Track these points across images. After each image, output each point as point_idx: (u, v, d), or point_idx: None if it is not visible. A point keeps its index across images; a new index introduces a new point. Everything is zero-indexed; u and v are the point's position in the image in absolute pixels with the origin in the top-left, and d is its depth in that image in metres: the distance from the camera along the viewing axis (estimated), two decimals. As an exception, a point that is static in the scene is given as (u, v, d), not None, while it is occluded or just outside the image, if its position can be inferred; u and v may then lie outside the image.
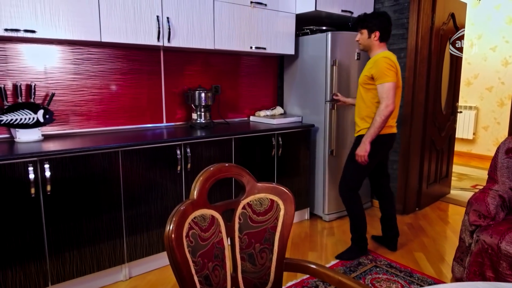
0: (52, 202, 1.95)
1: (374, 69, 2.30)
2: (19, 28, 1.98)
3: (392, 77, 2.28)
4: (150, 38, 2.41)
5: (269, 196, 1.18)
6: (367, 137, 2.34)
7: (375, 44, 2.41)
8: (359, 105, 2.48)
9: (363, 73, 2.43)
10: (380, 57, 2.30)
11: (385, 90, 2.27)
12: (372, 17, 2.38)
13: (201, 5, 2.60)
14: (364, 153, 2.36)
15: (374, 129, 2.31)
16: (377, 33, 2.38)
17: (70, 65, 2.44)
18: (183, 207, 0.98)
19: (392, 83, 2.27)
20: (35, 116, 2.24)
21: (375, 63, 2.31)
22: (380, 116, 2.29)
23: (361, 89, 2.44)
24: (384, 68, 2.27)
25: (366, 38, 2.42)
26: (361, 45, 2.48)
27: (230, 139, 2.60)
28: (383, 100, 2.28)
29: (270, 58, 3.46)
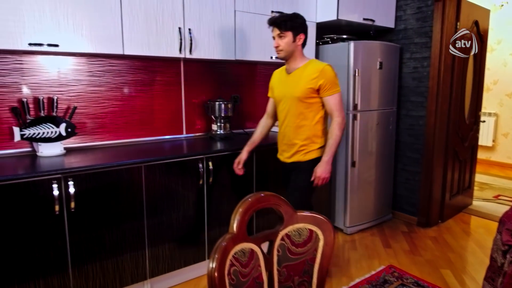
0: (76, 219, 1.93)
1: (323, 79, 1.99)
2: (43, 43, 1.97)
3: (339, 86, 2.06)
4: (172, 50, 2.38)
5: (308, 226, 1.13)
6: (330, 154, 2.03)
7: (299, 50, 2.08)
8: (298, 125, 2.09)
9: (299, 85, 2.03)
10: (325, 66, 2.01)
11: (337, 101, 2.03)
12: (296, 17, 2.04)
13: (223, 15, 2.57)
14: (328, 174, 2.04)
15: (336, 145, 2.03)
16: (302, 36, 2.04)
17: (92, 77, 2.43)
18: (225, 243, 0.94)
19: (341, 93, 2.07)
20: (57, 130, 2.22)
21: (322, 72, 1.99)
22: (340, 130, 2.03)
23: (301, 105, 2.05)
24: (334, 77, 2.02)
25: (290, 42, 2.02)
26: (282, 52, 2.05)
27: (251, 151, 2.55)
28: (338, 112, 2.03)
29: (289, 67, 3.41)
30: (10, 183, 1.74)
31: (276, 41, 2.05)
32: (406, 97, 3.35)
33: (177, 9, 2.36)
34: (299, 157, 2.12)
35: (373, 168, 3.20)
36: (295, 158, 2.14)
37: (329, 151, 2.03)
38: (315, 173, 2.04)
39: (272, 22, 2.04)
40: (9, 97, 2.17)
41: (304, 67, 2.05)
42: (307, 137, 2.09)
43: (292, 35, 2.02)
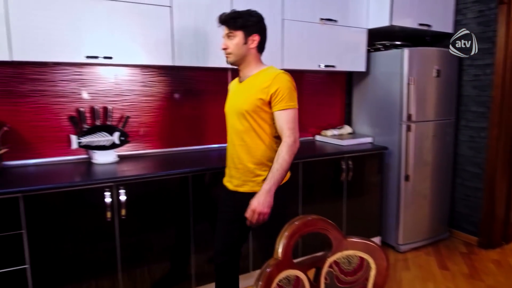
0: (126, 225, 1.99)
1: (274, 87, 1.61)
2: (98, 55, 2.05)
3: (296, 102, 1.67)
4: (220, 61, 2.38)
5: (358, 253, 1.06)
6: (273, 184, 1.59)
7: (253, 55, 1.71)
8: (247, 144, 1.69)
9: (248, 96, 1.67)
10: (280, 73, 1.64)
11: (290, 119, 1.63)
12: (249, 14, 1.69)
13: (270, 24, 2.50)
14: (268, 209, 1.59)
15: (282, 172, 1.60)
16: (255, 37, 1.69)
17: (144, 87, 2.50)
18: (269, 269, 0.90)
19: (297, 110, 1.66)
20: (111, 138, 2.31)
21: (275, 80, 1.62)
22: (289, 154, 1.60)
23: (251, 119, 1.66)
24: (289, 88, 1.63)
25: (240, 44, 1.67)
26: (230, 56, 1.71)
27: (296, 163, 2.50)
28: (289, 132, 1.62)
29: (338, 75, 3.31)
30: (67, 190, 1.83)
31: (224, 42, 1.71)
32: (466, 106, 3.11)
33: (225, 19, 2.37)
34: (254, 187, 1.69)
35: (428, 182, 3.00)
36: (247, 187, 1.72)
37: (271, 178, 1.59)
38: (250, 205, 1.60)
39: (221, 19, 1.71)
40: (68, 107, 2.29)
41: (257, 75, 1.69)
42: (260, 159, 1.68)
43: (243, 35, 1.67)
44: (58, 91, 2.26)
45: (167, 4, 2.19)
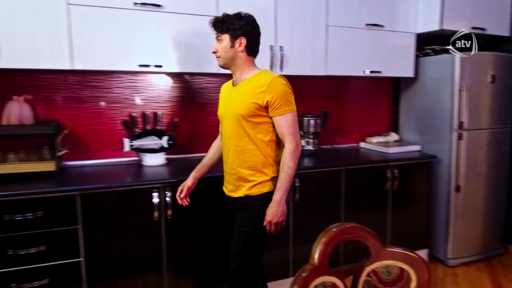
0: (171, 225, 2.08)
1: (271, 93, 1.60)
2: (150, 64, 2.18)
3: (294, 104, 1.68)
4: (263, 67, 2.43)
5: (398, 264, 1.04)
6: (283, 193, 1.61)
7: (243, 58, 1.70)
8: (242, 149, 1.69)
9: (242, 100, 1.66)
10: (275, 78, 1.63)
11: (290, 123, 1.64)
12: (237, 17, 1.68)
13: (314, 31, 2.55)
14: (283, 217, 1.63)
15: (290, 180, 1.62)
16: (242, 40, 1.67)
17: (191, 94, 2.61)
18: (305, 274, 0.92)
19: (295, 112, 1.68)
20: (160, 142, 2.44)
21: (271, 85, 1.61)
22: (293, 160, 1.62)
23: (245, 124, 1.65)
24: (285, 92, 1.63)
25: (227, 47, 1.68)
26: (219, 59, 1.72)
27: (339, 170, 2.47)
28: (290, 137, 1.63)
29: (384, 80, 3.23)
30: (119, 190, 1.96)
31: (214, 46, 1.73)
32: (525, 114, 2.90)
33: (269, 27, 2.41)
34: (245, 191, 1.70)
35: (481, 194, 2.83)
36: (240, 192, 1.72)
37: (280, 188, 1.61)
38: (266, 216, 1.63)
39: (210, 22, 1.73)
40: (122, 112, 2.45)
41: (251, 79, 1.69)
42: (254, 165, 1.68)
43: (230, 38, 1.67)
44: (113, 97, 2.43)
45: (213, 14, 2.28)
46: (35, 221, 1.81)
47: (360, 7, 2.65)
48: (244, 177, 1.70)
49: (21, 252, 1.79)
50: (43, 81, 2.24)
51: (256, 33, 1.73)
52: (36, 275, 1.83)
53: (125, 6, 2.08)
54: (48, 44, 1.96)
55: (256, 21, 1.74)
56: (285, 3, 2.43)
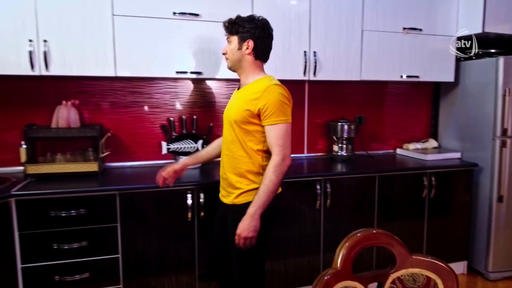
0: (204, 225, 2.14)
1: (263, 101, 1.54)
2: (187, 71, 2.27)
3: (289, 115, 1.59)
4: (296, 73, 2.46)
5: (425, 272, 1.02)
6: (258, 207, 1.53)
7: (249, 62, 1.67)
8: (234, 155, 1.66)
9: (238, 105, 1.64)
10: (271, 85, 1.57)
11: (279, 135, 1.55)
12: (247, 20, 1.65)
13: (349, 36, 2.53)
14: (253, 233, 1.54)
15: (269, 194, 1.54)
16: (250, 43, 1.63)
17: (226, 99, 2.68)
18: (326, 278, 0.93)
19: (289, 124, 1.58)
20: (195, 146, 2.52)
21: (265, 92, 1.55)
22: (276, 174, 1.54)
23: (238, 130, 1.63)
24: (279, 101, 1.55)
25: (235, 49, 1.66)
26: (228, 61, 1.71)
27: (373, 176, 2.43)
28: (278, 149, 1.55)
29: (423, 85, 3.14)
30: (155, 190, 2.05)
31: (224, 47, 1.73)
32: None
33: (303, 32, 2.43)
34: (232, 199, 1.67)
35: (528, 205, 2.67)
36: (229, 198, 1.69)
37: (256, 201, 1.54)
38: (237, 228, 1.56)
39: (223, 23, 1.72)
40: (161, 116, 2.57)
41: (252, 84, 1.65)
42: (242, 172, 1.64)
43: (238, 40, 1.65)
44: (153, 102, 2.55)
45: (249, 21, 2.33)
46: (78, 218, 1.94)
47: (397, 11, 2.61)
48: (232, 183, 1.68)
49: (64, 247, 1.92)
50: (90, 87, 2.40)
51: (266, 37, 1.68)
52: (78, 269, 1.96)
53: (165, 16, 2.19)
54: (94, 52, 2.10)
55: (268, 25, 1.69)
56: (320, 9, 2.45)
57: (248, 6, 2.31)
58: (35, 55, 2.00)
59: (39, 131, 2.17)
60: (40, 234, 1.90)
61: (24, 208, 1.86)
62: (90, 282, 1.98)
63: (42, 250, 1.91)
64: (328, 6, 2.46)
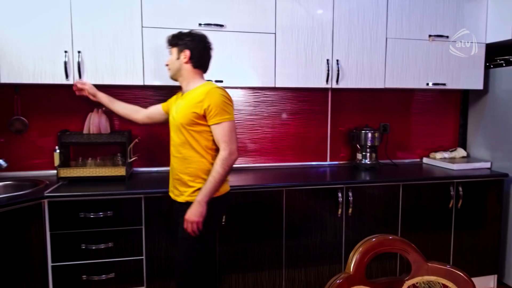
0: (225, 229, 2.17)
1: (207, 102, 1.70)
2: (211, 79, 2.33)
3: (232, 113, 1.76)
4: (319, 81, 2.47)
5: (441, 280, 1.00)
6: (204, 195, 1.69)
7: (187, 70, 1.82)
8: (184, 156, 1.78)
9: (184, 109, 1.76)
10: (213, 88, 1.74)
11: (225, 132, 1.72)
12: (184, 34, 1.84)
13: (373, 44, 2.53)
14: (199, 218, 1.68)
15: (215, 184, 1.70)
16: (186, 52, 1.79)
17: (249, 107, 2.73)
18: (339, 281, 0.93)
19: (233, 121, 1.76)
20: (218, 152, 2.58)
21: (208, 95, 1.71)
22: (223, 167, 1.70)
23: (186, 133, 1.76)
24: (221, 102, 1.72)
25: (174, 59, 1.84)
26: (169, 71, 1.88)
27: (397, 185, 2.39)
28: (224, 144, 1.71)
29: (451, 93, 3.07)
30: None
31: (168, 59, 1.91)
32: None
33: (326, 41, 2.45)
34: (186, 197, 1.78)
35: None
36: (183, 197, 1.80)
37: (204, 190, 1.70)
38: (186, 215, 1.71)
39: (166, 38, 1.90)
40: (185, 124, 2.64)
41: (194, 90, 1.80)
42: (194, 172, 1.76)
43: (177, 51, 1.83)
44: (178, 110, 2.63)
45: (272, 31, 2.38)
46: (105, 220, 2.02)
47: (422, 18, 2.58)
48: (185, 182, 1.79)
49: (92, 247, 2.01)
50: (120, 95, 2.50)
51: (202, 48, 1.84)
52: (104, 269, 2.04)
53: (191, 27, 2.25)
54: (124, 62, 2.21)
55: (205, 39, 1.86)
56: (343, 18, 2.46)
57: (272, 16, 2.36)
58: (70, 65, 2.13)
59: (72, 136, 2.29)
60: (70, 235, 2.00)
61: (55, 209, 1.97)
62: (115, 283, 2.06)
63: (71, 250, 2.00)
64: (351, 14, 2.47)
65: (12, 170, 2.36)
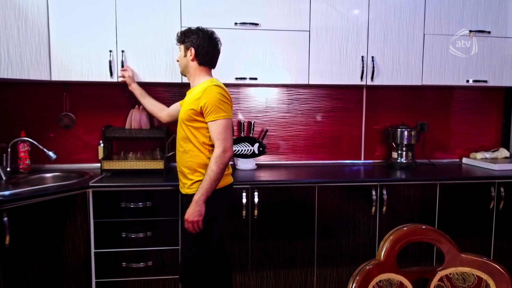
0: (257, 225, 2.22)
1: (204, 100, 1.73)
2: (245, 77, 2.39)
3: (228, 111, 1.77)
4: (353, 78, 2.46)
5: (475, 272, 0.99)
6: (201, 194, 1.72)
7: (193, 67, 1.87)
8: (184, 150, 1.84)
9: (185, 106, 1.83)
10: (210, 86, 1.75)
11: (220, 129, 1.74)
12: (192, 31, 1.88)
13: (409, 41, 2.48)
14: (198, 217, 1.72)
15: (211, 182, 1.72)
16: (192, 51, 1.85)
17: (282, 105, 2.77)
18: (369, 267, 0.95)
19: (228, 119, 1.77)
20: (252, 148, 2.63)
21: (204, 92, 1.74)
22: (217, 164, 1.72)
23: (186, 128, 1.82)
24: (217, 100, 1.73)
25: (182, 56, 1.90)
26: (180, 67, 1.96)
27: (434, 184, 2.33)
28: (218, 142, 1.73)
29: (494, 91, 2.94)
30: (212, 189, 2.18)
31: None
32: None
33: (361, 38, 2.44)
34: (185, 189, 1.86)
35: None
36: (183, 190, 1.88)
37: (200, 189, 1.73)
38: (185, 214, 1.75)
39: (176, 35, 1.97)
40: (220, 121, 2.72)
41: (197, 87, 1.84)
42: (192, 165, 1.82)
43: (184, 49, 1.89)
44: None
45: (306, 29, 2.40)
46: (144, 210, 2.13)
47: (462, 13, 2.50)
48: (185, 175, 1.86)
49: (132, 236, 2.12)
50: (159, 93, 2.62)
51: (208, 45, 1.87)
52: (142, 257, 2.14)
53: (227, 26, 2.34)
54: (164, 61, 2.31)
55: (211, 36, 1.88)
56: (379, 15, 2.44)
57: (306, 12, 2.38)
58: (114, 63, 2.26)
59: (115, 131, 2.43)
60: (111, 223, 2.11)
61: (99, 199, 2.10)
62: (152, 270, 2.16)
63: (112, 238, 2.12)
64: (387, 11, 2.45)
65: (60, 163, 2.54)
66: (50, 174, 2.41)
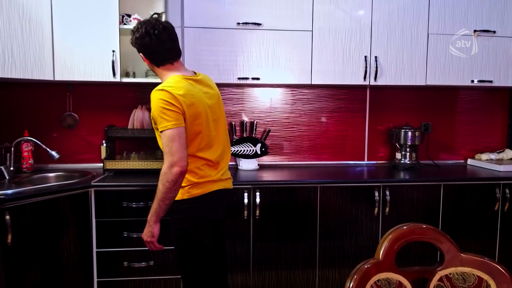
0: (259, 225, 2.21)
1: (152, 109, 1.51)
2: (248, 77, 2.39)
3: (173, 120, 1.46)
4: (356, 78, 2.45)
5: (476, 272, 0.97)
6: (151, 214, 1.55)
7: (158, 71, 1.65)
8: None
9: None
10: (154, 91, 1.50)
11: (164, 142, 1.47)
12: (133, 33, 1.61)
13: (413, 41, 2.47)
14: (151, 238, 1.57)
15: (158, 202, 1.51)
16: (142, 56, 1.63)
17: (285, 105, 2.76)
18: (367, 266, 0.94)
19: (174, 129, 1.46)
20: (254, 149, 2.62)
21: (151, 100, 1.51)
22: (162, 183, 1.48)
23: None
24: (158, 108, 1.46)
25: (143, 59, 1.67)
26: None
27: (438, 185, 2.31)
28: (165, 157, 1.47)
29: (499, 92, 2.91)
30: (214, 188, 2.17)
31: None
32: None
33: (364, 38, 2.43)
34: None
35: None
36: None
37: (151, 209, 1.56)
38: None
39: None
40: (223, 121, 2.72)
41: None
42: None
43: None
44: (216, 107, 2.71)
45: (309, 29, 2.40)
46: (146, 209, 2.08)
47: (467, 13, 2.48)
48: None
49: (133, 235, 2.12)
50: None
51: (147, 45, 1.59)
52: (144, 257, 2.14)
53: (230, 26, 2.34)
54: (165, 61, 2.32)
55: (150, 30, 1.56)
56: (383, 15, 2.42)
57: (309, 12, 2.37)
58: (117, 63, 2.27)
59: (118, 131, 2.44)
60: (113, 222, 2.12)
61: (101, 198, 2.10)
62: (154, 270, 2.15)
63: (114, 237, 2.12)
64: (391, 11, 2.43)
65: (64, 162, 2.55)
66: (53, 174, 2.43)
